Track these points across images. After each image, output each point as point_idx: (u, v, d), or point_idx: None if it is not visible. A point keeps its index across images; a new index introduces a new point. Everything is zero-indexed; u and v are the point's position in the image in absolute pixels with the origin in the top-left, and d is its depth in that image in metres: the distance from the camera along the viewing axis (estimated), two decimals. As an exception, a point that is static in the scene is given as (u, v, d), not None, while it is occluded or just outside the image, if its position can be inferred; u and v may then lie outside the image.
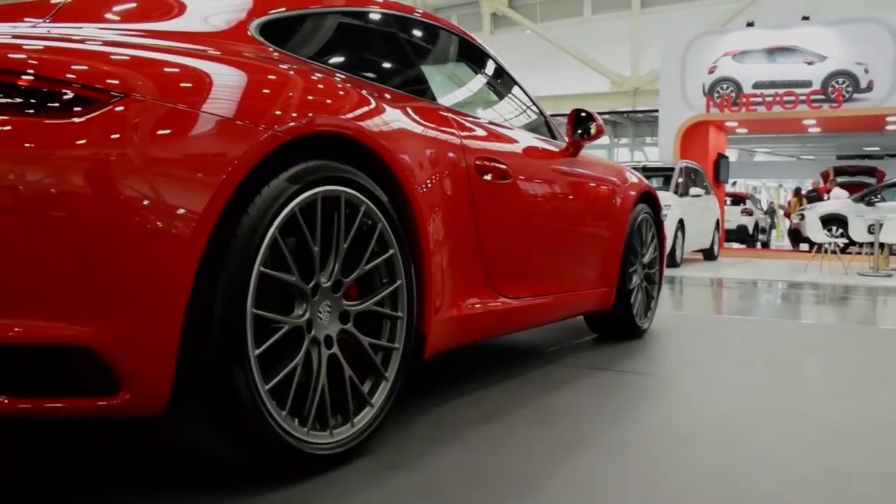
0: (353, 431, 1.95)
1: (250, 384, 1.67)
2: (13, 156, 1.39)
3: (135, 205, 1.48)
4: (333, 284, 1.92)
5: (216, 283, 1.62)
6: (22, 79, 1.45)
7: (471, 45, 3.23)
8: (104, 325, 1.45)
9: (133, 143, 1.50)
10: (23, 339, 1.39)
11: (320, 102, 1.96)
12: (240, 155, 1.64)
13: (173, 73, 1.67)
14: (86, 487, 1.82)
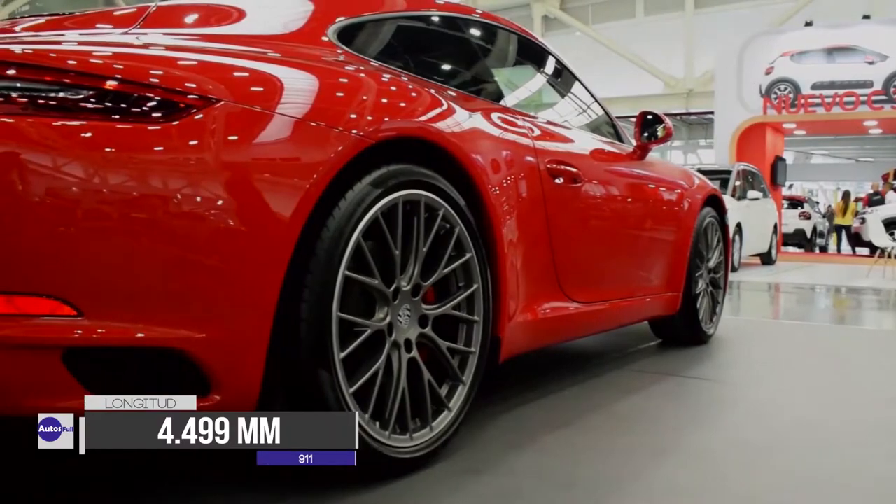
0: (432, 435, 1.95)
1: (335, 387, 1.68)
2: (105, 161, 1.42)
3: (227, 209, 1.50)
4: (413, 288, 1.93)
5: (302, 287, 1.63)
6: (114, 85, 1.47)
7: (537, 47, 3.22)
8: (197, 327, 1.47)
9: (225, 148, 1.52)
10: (119, 341, 1.42)
11: (401, 106, 1.97)
12: (327, 159, 1.65)
13: (262, 78, 1.69)
14: (167, 484, 1.84)
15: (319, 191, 1.63)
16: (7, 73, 1.44)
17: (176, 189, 1.45)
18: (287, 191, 1.58)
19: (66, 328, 1.38)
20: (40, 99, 1.42)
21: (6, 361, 1.36)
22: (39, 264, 1.37)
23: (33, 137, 1.38)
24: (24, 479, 1.91)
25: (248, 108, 1.58)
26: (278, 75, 1.73)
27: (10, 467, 2.00)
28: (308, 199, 1.61)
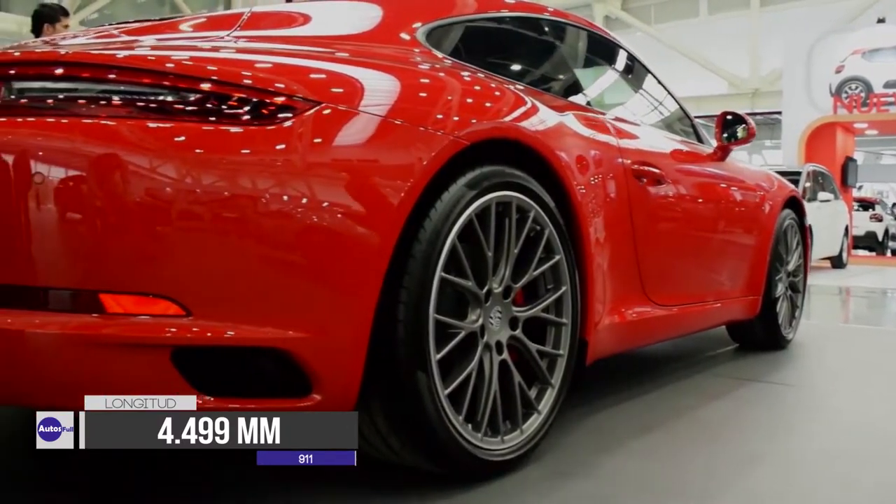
0: (522, 438, 1.94)
1: (432, 389, 1.68)
2: (214, 163, 1.44)
3: (330, 210, 1.51)
4: (504, 290, 1.92)
5: (399, 288, 1.64)
6: (219, 88, 1.50)
7: (618, 48, 3.19)
8: (300, 328, 1.49)
9: (330, 150, 1.54)
10: (225, 341, 1.44)
11: (494, 108, 1.97)
12: (425, 161, 1.65)
13: (362, 80, 1.70)
14: (262, 483, 1.86)
15: (418, 192, 1.63)
16: (110, 76, 1.48)
17: (282, 191, 1.47)
18: (388, 192, 1.58)
19: (176, 327, 1.40)
20: (151, 102, 1.45)
21: (119, 360, 1.39)
22: (151, 264, 1.39)
23: (138, 139, 1.41)
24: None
25: (353, 110, 1.59)
26: (378, 78, 1.74)
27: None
28: (407, 200, 1.61)
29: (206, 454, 1.87)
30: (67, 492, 1.85)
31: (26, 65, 1.54)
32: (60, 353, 1.39)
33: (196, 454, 1.96)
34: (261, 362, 1.49)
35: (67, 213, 1.38)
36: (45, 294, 1.39)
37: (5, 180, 1.39)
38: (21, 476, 1.97)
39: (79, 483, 1.89)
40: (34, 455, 1.97)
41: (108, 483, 1.91)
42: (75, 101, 1.46)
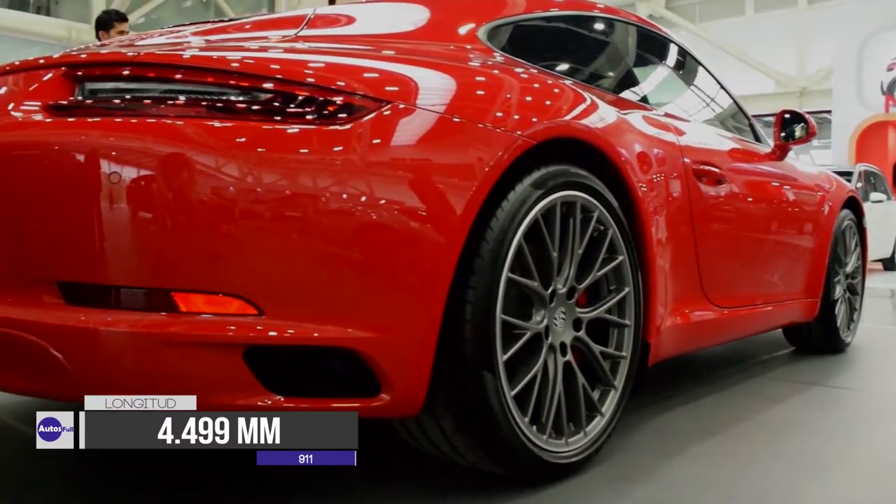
0: (586, 441, 1.92)
1: (499, 390, 1.66)
2: (281, 162, 1.44)
3: (400, 210, 1.51)
4: (568, 291, 1.90)
5: (467, 288, 1.63)
6: (287, 87, 1.50)
7: (673, 45, 3.15)
8: (370, 327, 1.48)
9: (399, 149, 1.54)
10: (297, 340, 1.44)
11: (558, 107, 1.95)
12: (493, 160, 1.64)
13: (428, 79, 1.70)
14: (332, 483, 1.87)
15: (485, 192, 1.62)
16: (180, 77, 1.49)
17: (352, 191, 1.46)
18: (456, 192, 1.57)
19: (248, 326, 1.40)
20: (218, 102, 1.46)
21: (191, 359, 1.40)
22: (224, 264, 1.40)
23: (208, 139, 1.42)
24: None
25: (422, 109, 1.59)
26: (444, 77, 1.74)
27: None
28: (475, 199, 1.60)
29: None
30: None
31: (96, 66, 1.56)
32: (133, 352, 1.40)
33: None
34: (330, 362, 1.49)
35: (140, 212, 1.38)
36: (119, 293, 1.40)
37: (77, 180, 1.40)
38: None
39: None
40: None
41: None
42: (144, 102, 1.48)
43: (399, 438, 1.85)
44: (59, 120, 1.48)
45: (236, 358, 1.40)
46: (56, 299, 1.42)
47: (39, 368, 1.43)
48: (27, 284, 1.45)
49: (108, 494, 1.84)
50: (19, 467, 2.02)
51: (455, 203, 1.57)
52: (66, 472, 2.01)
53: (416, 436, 1.78)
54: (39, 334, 1.40)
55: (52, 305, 1.42)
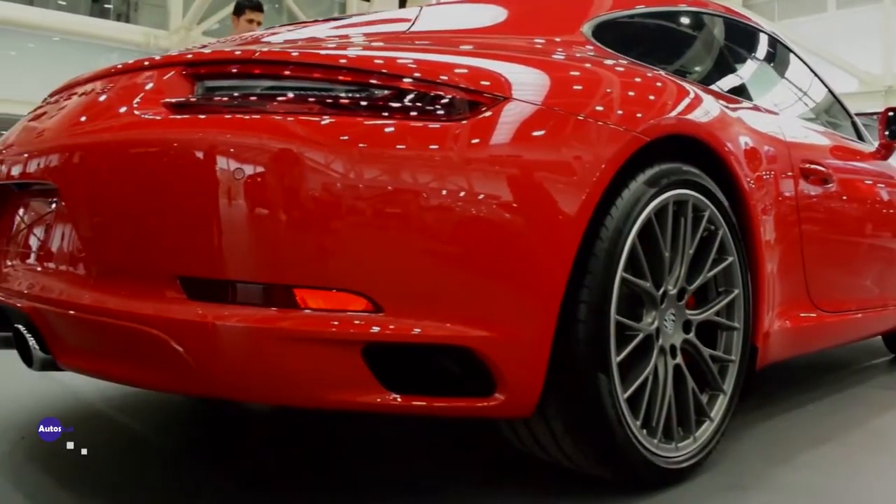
0: (695, 446, 1.86)
1: (612, 392, 1.63)
2: (400, 159, 1.43)
3: (518, 207, 1.48)
4: (678, 292, 1.85)
5: (581, 288, 1.59)
6: (405, 83, 1.49)
7: (776, 42, 3.06)
8: (487, 326, 1.46)
9: (516, 146, 1.51)
10: (416, 338, 1.42)
11: (670, 103, 1.90)
12: (608, 157, 1.61)
13: (546, 76, 1.68)
14: (423, 485, 1.85)
15: (602, 189, 1.59)
16: (301, 74, 1.50)
17: (472, 188, 1.45)
18: (573, 189, 1.55)
19: (368, 323, 1.40)
20: (340, 100, 1.46)
21: (313, 355, 1.39)
22: (345, 261, 1.39)
23: (328, 136, 1.42)
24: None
25: (539, 106, 1.57)
26: (561, 74, 1.71)
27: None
28: (591, 197, 1.57)
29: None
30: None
31: (214, 64, 1.58)
32: (253, 347, 1.40)
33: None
34: (445, 361, 1.47)
35: (262, 208, 1.39)
36: (240, 288, 1.41)
37: (197, 177, 1.42)
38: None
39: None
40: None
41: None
42: (261, 99, 1.48)
43: (502, 440, 1.82)
44: (178, 118, 1.50)
45: (355, 355, 1.39)
46: (178, 294, 1.43)
47: (162, 362, 1.44)
48: (148, 279, 1.47)
49: (205, 487, 1.86)
50: (122, 459, 2.06)
51: (572, 201, 1.54)
52: (167, 464, 2.04)
53: (522, 437, 1.75)
54: (162, 328, 1.41)
55: (175, 300, 1.43)
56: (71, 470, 1.93)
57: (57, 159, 1.64)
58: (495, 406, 1.50)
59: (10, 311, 1.81)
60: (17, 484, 1.82)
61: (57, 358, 1.64)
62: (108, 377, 1.62)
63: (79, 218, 1.58)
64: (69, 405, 2.55)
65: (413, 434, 2.30)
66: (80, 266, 1.60)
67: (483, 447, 2.19)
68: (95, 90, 1.76)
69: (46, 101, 2.11)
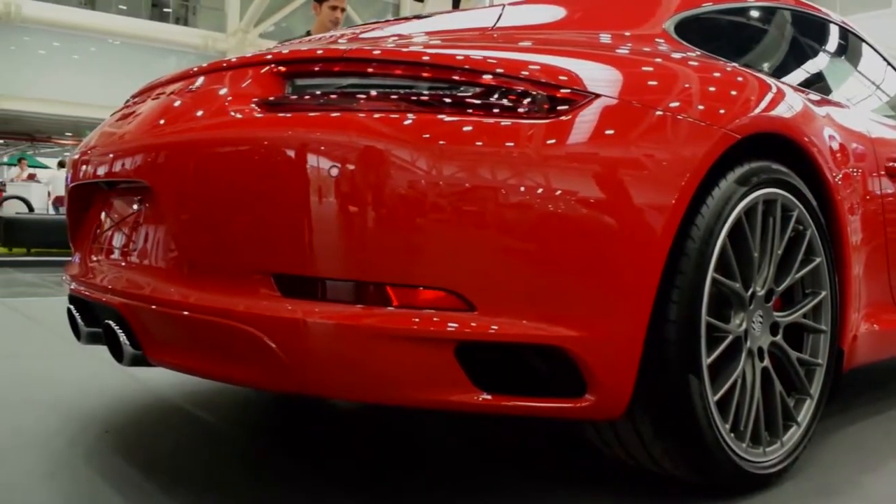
0: (783, 451, 1.82)
1: (703, 394, 1.60)
2: (492, 157, 1.42)
3: (609, 206, 1.46)
4: (766, 293, 1.81)
5: (672, 288, 1.57)
6: (492, 80, 1.48)
7: (858, 40, 2.98)
8: (580, 326, 1.44)
9: (607, 144, 1.49)
10: (508, 337, 1.41)
11: (759, 101, 1.86)
12: (701, 155, 1.58)
13: (633, 72, 1.66)
14: (507, 484, 1.84)
15: (694, 188, 1.56)
16: (386, 71, 1.50)
17: (565, 186, 1.43)
18: (666, 188, 1.52)
19: (461, 322, 1.39)
20: (429, 97, 1.46)
21: (405, 353, 1.39)
22: (439, 259, 1.39)
23: (418, 133, 1.41)
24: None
25: (627, 103, 1.54)
26: (648, 70, 1.69)
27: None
28: (684, 196, 1.54)
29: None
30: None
31: (306, 62, 1.59)
32: (346, 344, 1.40)
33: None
34: (535, 360, 1.46)
35: (354, 206, 1.38)
36: (333, 285, 1.41)
37: (291, 174, 1.42)
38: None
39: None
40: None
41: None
42: (354, 97, 1.48)
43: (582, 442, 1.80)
44: (270, 116, 1.51)
45: (448, 354, 1.39)
46: (271, 291, 1.44)
47: (255, 359, 1.45)
48: (241, 276, 1.48)
49: (288, 483, 1.87)
50: (201, 455, 2.08)
51: (664, 199, 1.52)
52: (246, 459, 2.06)
53: (607, 440, 1.73)
54: (256, 325, 1.42)
55: (268, 297, 1.44)
56: (153, 462, 1.97)
57: (149, 158, 1.66)
58: (586, 407, 1.49)
59: (98, 306, 1.84)
60: (104, 476, 1.85)
61: (147, 354, 1.67)
62: (199, 373, 1.64)
63: (172, 215, 1.60)
64: (148, 400, 2.59)
65: (485, 433, 2.29)
66: (172, 263, 1.62)
67: (564, 448, 2.17)
68: (183, 90, 1.78)
69: (129, 102, 2.15)
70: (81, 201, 2.15)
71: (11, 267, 8.91)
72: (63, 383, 2.80)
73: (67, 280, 2.10)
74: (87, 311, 1.93)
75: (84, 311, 1.94)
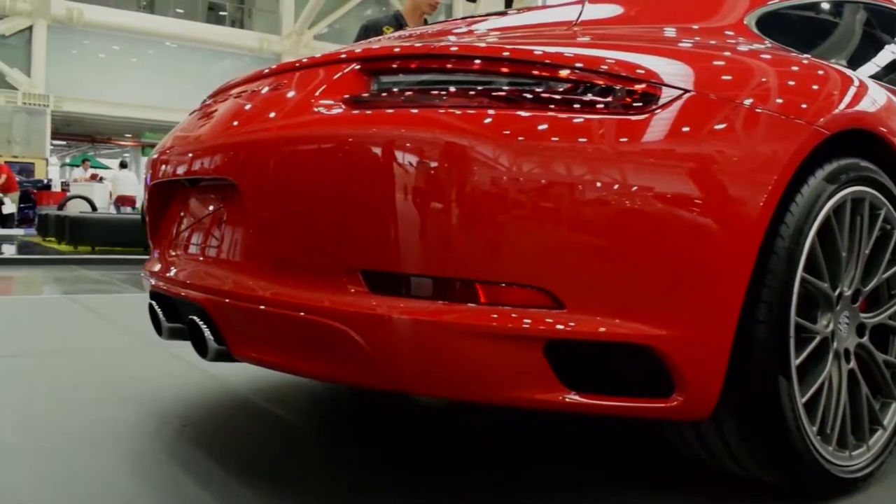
0: (868, 455, 1.78)
1: (791, 395, 1.57)
2: (582, 154, 1.41)
3: (701, 203, 1.44)
4: (853, 294, 1.77)
5: (761, 287, 1.54)
6: (586, 76, 1.47)
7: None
8: (669, 325, 1.43)
9: (699, 141, 1.48)
10: (598, 336, 1.40)
11: (845, 97, 1.82)
12: (791, 152, 1.55)
13: (721, 68, 1.65)
14: (588, 485, 1.83)
15: (783, 186, 1.54)
16: (472, 67, 1.50)
17: (652, 183, 1.42)
18: (756, 185, 1.50)
19: (551, 320, 1.38)
20: (514, 93, 1.46)
21: (494, 351, 1.39)
22: (530, 256, 1.38)
23: (506, 130, 1.41)
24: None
25: (717, 98, 1.52)
26: (736, 66, 1.67)
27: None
28: (774, 194, 1.52)
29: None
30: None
31: (391, 59, 1.59)
32: (435, 341, 1.40)
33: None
34: (624, 359, 1.45)
35: (444, 203, 1.39)
36: (422, 282, 1.42)
37: (380, 171, 1.43)
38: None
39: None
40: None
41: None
42: (441, 94, 1.48)
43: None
44: (357, 113, 1.52)
45: (537, 352, 1.38)
46: (360, 287, 1.45)
47: (343, 355, 1.47)
48: (328, 272, 1.50)
49: (354, 473, 1.89)
50: (275, 449, 2.11)
51: (755, 196, 1.49)
52: (318, 454, 2.08)
53: (689, 441, 1.70)
54: (345, 321, 1.44)
55: (357, 293, 1.45)
56: (232, 457, 1.99)
57: (235, 156, 1.69)
58: (674, 407, 1.47)
59: (181, 302, 1.87)
60: (187, 470, 1.88)
61: (232, 349, 1.69)
62: (284, 369, 1.66)
63: (258, 212, 1.62)
64: (221, 395, 2.63)
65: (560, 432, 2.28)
66: (258, 259, 1.64)
67: (640, 449, 2.15)
68: (265, 90, 1.81)
69: (207, 102, 2.18)
70: (161, 199, 2.19)
71: (77, 265, 9.14)
72: (137, 378, 2.86)
73: (148, 276, 2.13)
74: (168, 306, 1.97)
75: (166, 306, 1.98)
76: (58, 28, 24.69)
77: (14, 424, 2.25)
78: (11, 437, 2.12)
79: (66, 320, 4.48)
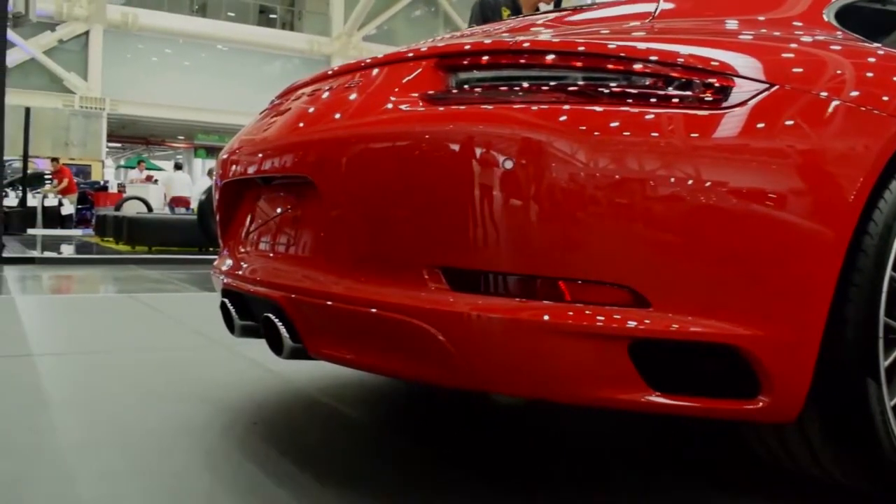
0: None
1: (880, 399, 1.52)
2: (666, 150, 1.39)
3: (789, 200, 1.41)
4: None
5: (849, 286, 1.50)
6: (667, 70, 1.45)
7: None
8: (756, 325, 1.39)
9: (784, 136, 1.44)
10: (684, 335, 1.37)
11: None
12: (879, 147, 1.50)
13: (807, 60, 1.60)
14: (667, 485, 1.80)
15: (872, 182, 1.49)
16: (551, 63, 1.49)
17: (739, 180, 1.39)
18: (844, 181, 1.45)
19: (637, 319, 1.36)
20: (599, 88, 1.44)
21: (577, 350, 1.37)
22: (614, 253, 1.36)
23: (588, 125, 1.39)
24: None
25: (806, 92, 1.49)
26: (820, 59, 1.63)
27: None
28: (863, 190, 1.47)
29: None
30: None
31: (468, 55, 1.59)
32: (518, 339, 1.39)
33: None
34: (706, 360, 1.42)
35: (526, 200, 1.37)
36: (505, 279, 1.41)
37: (461, 168, 1.42)
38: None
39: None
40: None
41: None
42: (520, 89, 1.47)
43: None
44: (435, 110, 1.52)
45: (621, 351, 1.36)
46: (441, 285, 1.44)
47: (424, 353, 1.46)
48: (408, 269, 1.49)
49: (415, 468, 1.89)
50: (345, 447, 2.12)
51: (844, 193, 1.45)
52: (387, 452, 2.08)
53: (769, 444, 1.67)
54: (426, 319, 1.43)
55: (438, 290, 1.44)
56: (304, 454, 2.00)
57: (311, 154, 1.69)
58: (760, 409, 1.43)
59: (255, 300, 1.89)
60: (261, 467, 1.89)
61: (308, 347, 1.70)
62: (362, 367, 1.66)
63: (336, 210, 1.62)
64: (289, 393, 2.65)
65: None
66: (336, 256, 1.64)
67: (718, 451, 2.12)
68: (339, 88, 1.81)
69: (276, 102, 2.20)
70: (232, 198, 2.21)
71: (135, 264, 9.31)
72: (203, 375, 2.89)
73: (219, 275, 2.15)
74: (241, 304, 1.98)
75: (238, 304, 1.99)
76: (113, 32, 25.25)
77: (91, 421, 2.29)
78: (89, 434, 2.16)
79: (131, 318, 4.56)
